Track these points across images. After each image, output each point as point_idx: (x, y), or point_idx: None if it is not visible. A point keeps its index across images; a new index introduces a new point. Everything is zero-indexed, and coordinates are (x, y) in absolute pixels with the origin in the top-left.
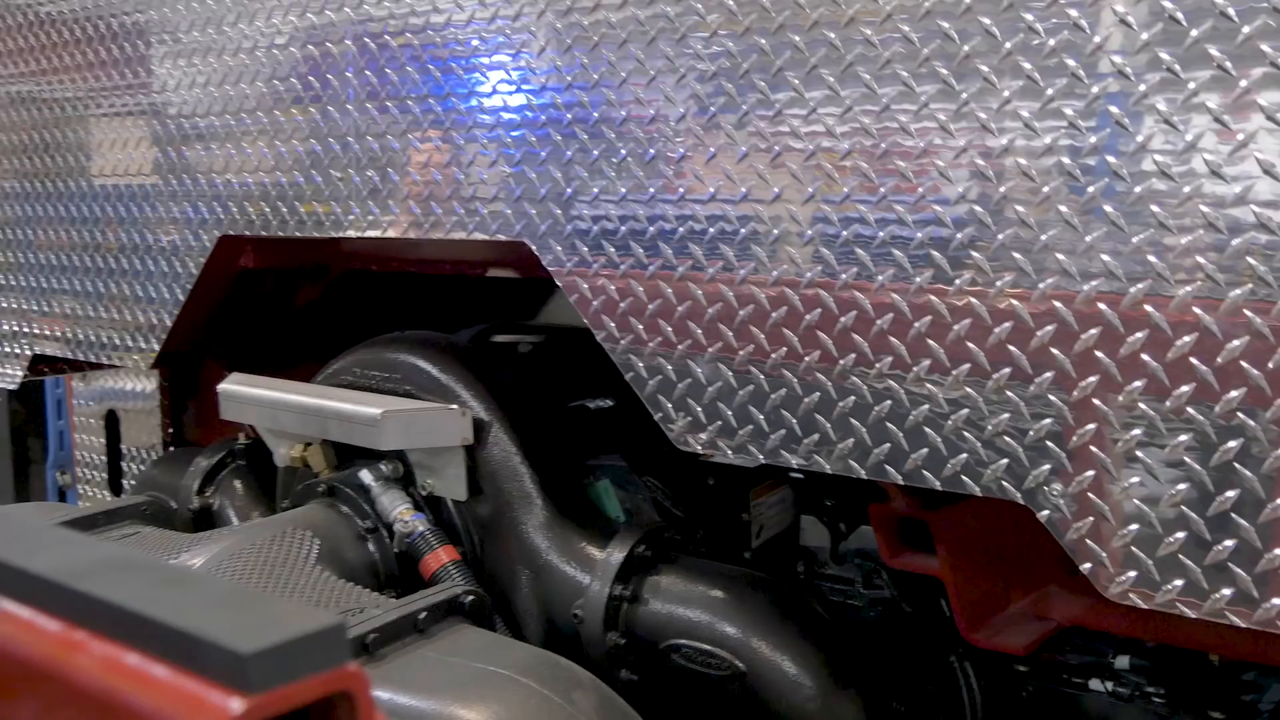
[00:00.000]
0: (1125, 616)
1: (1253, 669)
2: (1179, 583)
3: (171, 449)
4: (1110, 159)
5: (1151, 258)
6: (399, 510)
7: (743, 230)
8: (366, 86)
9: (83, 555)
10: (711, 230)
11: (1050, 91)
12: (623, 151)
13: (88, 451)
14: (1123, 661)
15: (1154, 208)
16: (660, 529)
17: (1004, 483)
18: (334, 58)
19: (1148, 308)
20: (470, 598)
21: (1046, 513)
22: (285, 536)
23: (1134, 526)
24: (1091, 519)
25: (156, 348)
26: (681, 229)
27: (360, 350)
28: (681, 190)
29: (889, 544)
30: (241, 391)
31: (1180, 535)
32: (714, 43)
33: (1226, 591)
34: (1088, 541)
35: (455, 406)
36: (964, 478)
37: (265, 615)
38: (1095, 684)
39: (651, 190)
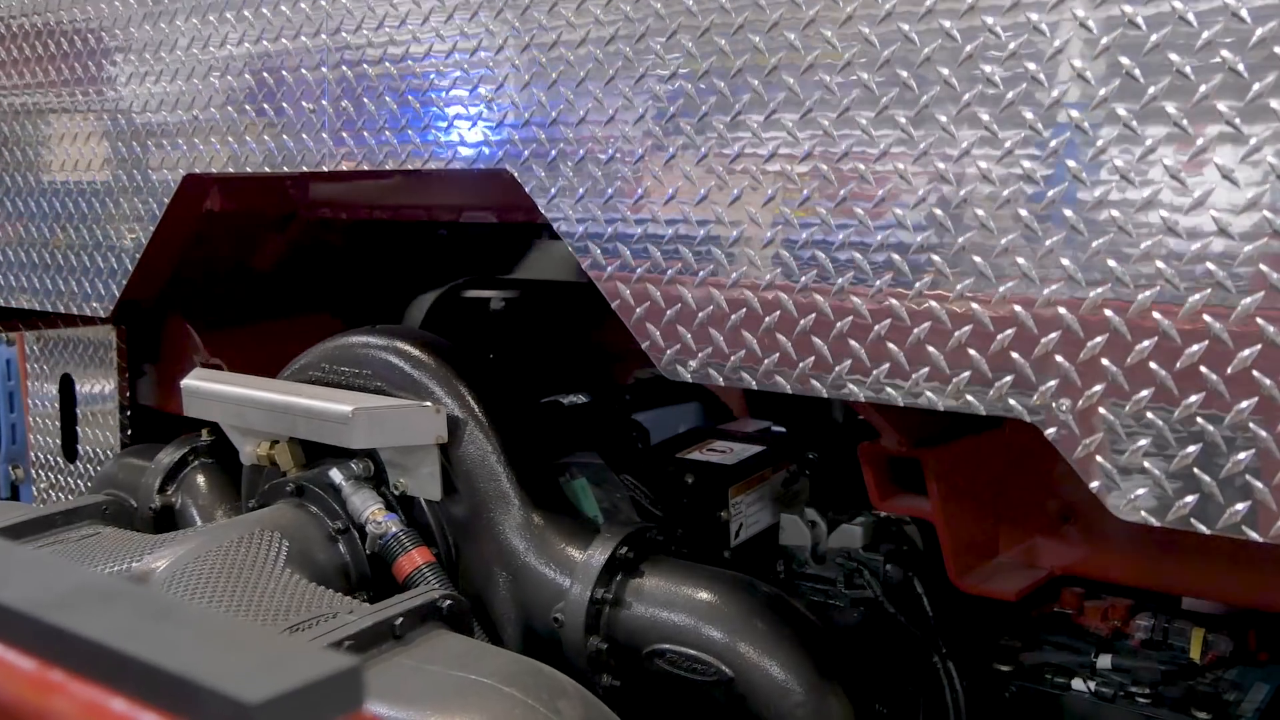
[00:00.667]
0: (1117, 562)
1: (1235, 665)
2: (1191, 499)
3: (132, 445)
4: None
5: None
6: (371, 510)
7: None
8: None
9: (60, 582)
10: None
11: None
12: None
13: (41, 432)
14: (1105, 661)
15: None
16: (642, 529)
17: (1010, 400)
18: None
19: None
20: (448, 602)
21: (1053, 430)
22: (253, 538)
23: (1144, 441)
24: (1100, 435)
25: (116, 294)
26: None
27: (328, 344)
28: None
29: (879, 485)
30: (206, 388)
31: (1193, 449)
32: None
33: (1241, 506)
34: (1096, 458)
35: (429, 404)
36: (969, 397)
37: (271, 656)
38: (1078, 684)
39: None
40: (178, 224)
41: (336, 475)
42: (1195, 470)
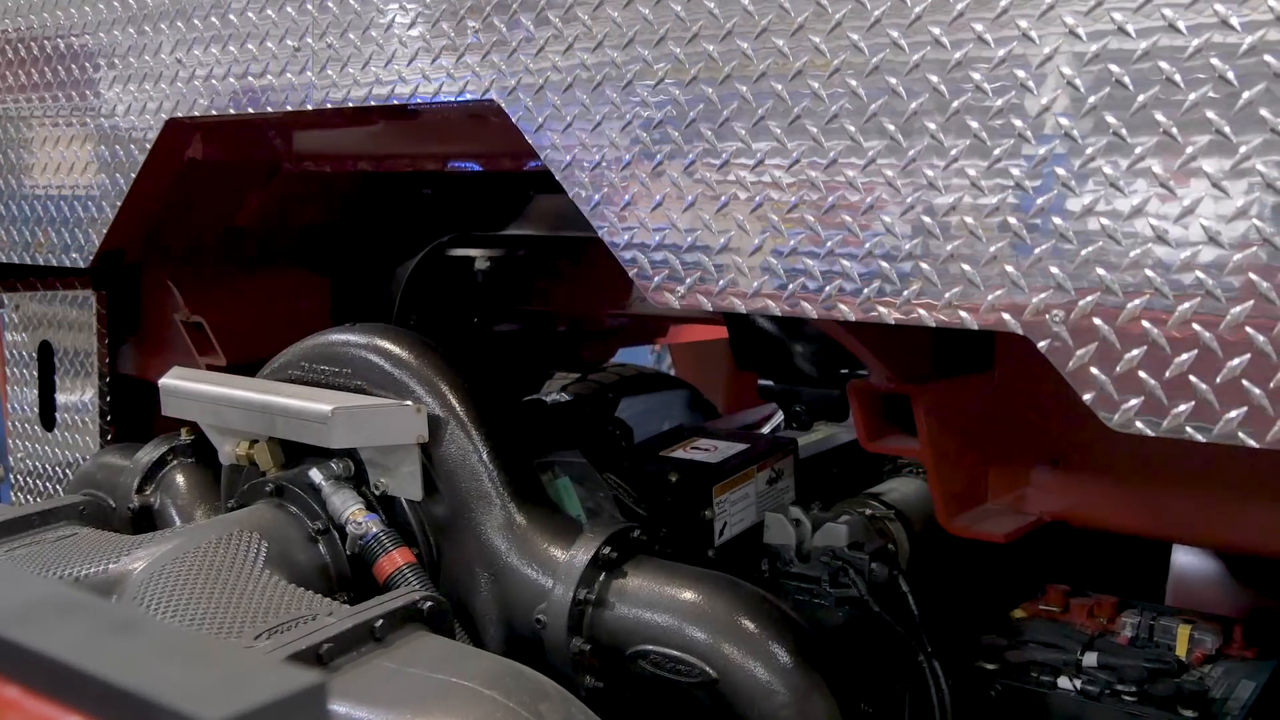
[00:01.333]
0: (1107, 507)
1: (1222, 663)
2: (1187, 406)
3: (110, 443)
4: None
5: None
6: (351, 511)
7: None
8: None
9: (15, 594)
10: None
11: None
12: None
13: (19, 401)
14: (1090, 659)
15: None
16: (626, 529)
17: (1003, 314)
18: None
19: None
20: (429, 604)
21: (1046, 342)
22: (232, 538)
23: (1139, 349)
24: (1095, 344)
25: (96, 244)
26: None
27: (308, 343)
28: None
29: (868, 425)
30: (184, 387)
31: (1189, 355)
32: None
33: (1236, 412)
34: (1091, 369)
35: (409, 403)
36: (961, 312)
37: (233, 673)
38: (1064, 682)
39: None
40: (160, 172)
41: (316, 475)
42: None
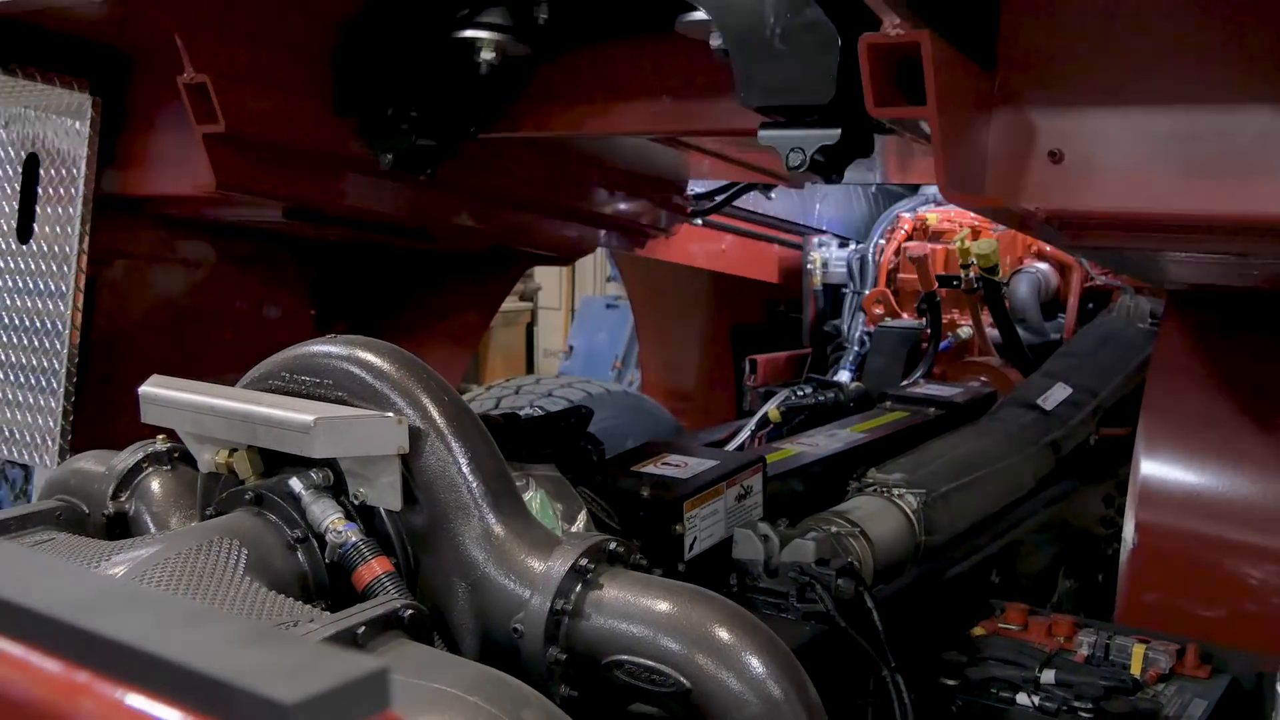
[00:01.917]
0: (1102, 200)
1: (1175, 682)
2: None
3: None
4: None
5: None
6: (330, 520)
7: None
8: None
9: (83, 587)
10: None
11: None
12: None
13: None
14: (1049, 676)
15: None
16: (602, 542)
17: None
18: None
19: None
20: (410, 612)
21: None
22: (211, 545)
23: None
24: None
25: None
26: None
27: (288, 354)
28: None
29: (877, 87)
30: (164, 395)
31: None
32: None
33: None
34: None
35: (390, 414)
36: None
37: (302, 659)
38: (1022, 699)
39: None
40: None
41: (296, 484)
42: None
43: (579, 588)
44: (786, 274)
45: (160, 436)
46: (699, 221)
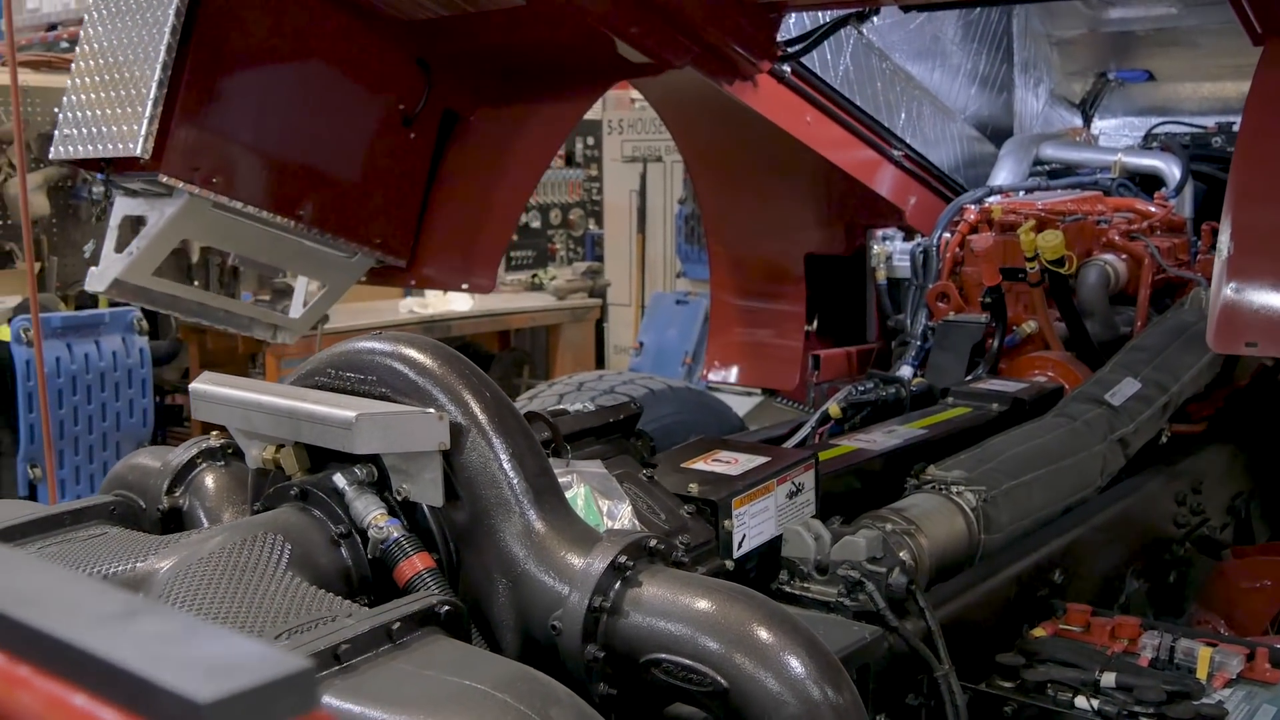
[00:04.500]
0: None
1: (1243, 687)
2: None
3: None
4: None
5: None
6: (373, 515)
7: None
8: None
9: (29, 580)
10: None
11: None
12: None
13: None
14: (1109, 679)
15: None
16: (643, 539)
17: None
18: None
19: None
20: (446, 608)
21: None
22: (256, 540)
23: None
24: None
25: None
26: None
27: (334, 350)
28: None
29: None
30: (213, 391)
31: None
32: None
33: None
34: None
35: (432, 411)
36: None
37: (226, 656)
38: (1081, 702)
39: None
40: None
41: (340, 480)
42: None
43: (618, 585)
44: (915, 213)
45: (215, 433)
46: (788, 69)
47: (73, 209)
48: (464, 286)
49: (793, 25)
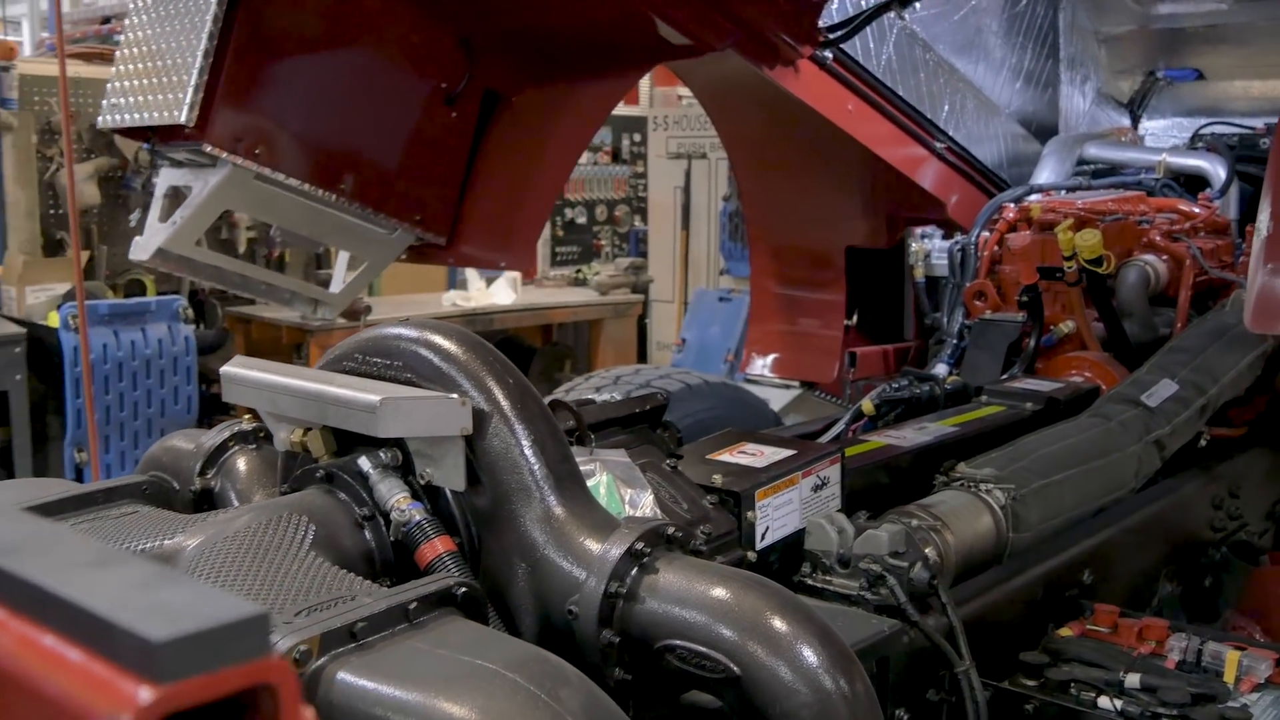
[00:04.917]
0: None
1: (1271, 691)
2: None
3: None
4: None
5: None
6: (396, 498)
7: None
8: None
9: (11, 530)
10: None
11: None
12: None
13: None
14: (1133, 680)
15: None
16: (660, 526)
17: None
18: None
19: None
20: (463, 589)
21: None
22: (281, 520)
23: None
24: None
25: None
26: None
27: (362, 336)
28: None
29: None
30: (243, 374)
31: None
32: None
33: None
34: None
35: (455, 396)
36: None
37: (185, 602)
38: (1104, 702)
39: None
40: None
41: (364, 463)
42: None
43: (634, 571)
44: (957, 208)
45: (247, 416)
46: (829, 56)
47: (122, 199)
48: (502, 265)
49: (834, 11)
